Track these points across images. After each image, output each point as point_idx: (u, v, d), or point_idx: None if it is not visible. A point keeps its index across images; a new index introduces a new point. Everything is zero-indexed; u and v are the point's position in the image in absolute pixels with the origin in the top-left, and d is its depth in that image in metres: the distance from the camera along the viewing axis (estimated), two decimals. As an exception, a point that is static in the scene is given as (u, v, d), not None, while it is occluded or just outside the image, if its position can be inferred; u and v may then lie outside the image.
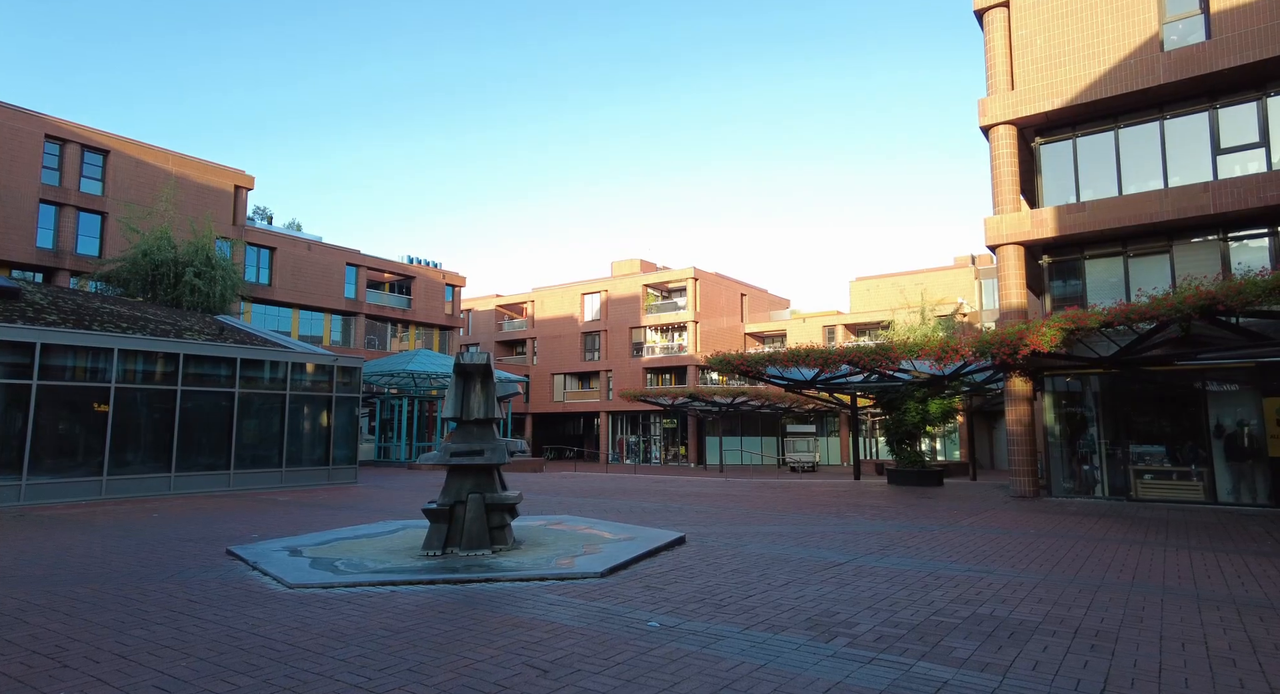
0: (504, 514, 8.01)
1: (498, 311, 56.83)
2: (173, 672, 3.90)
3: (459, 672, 3.90)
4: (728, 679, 3.81)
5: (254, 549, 7.61)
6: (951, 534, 9.54)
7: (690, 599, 5.65)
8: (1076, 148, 16.11)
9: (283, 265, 37.30)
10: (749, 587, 6.12)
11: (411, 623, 4.91)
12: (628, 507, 12.87)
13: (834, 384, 21.39)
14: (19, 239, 27.72)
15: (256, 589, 5.95)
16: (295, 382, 17.57)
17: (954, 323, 37.19)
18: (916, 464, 19.74)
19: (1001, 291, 16.66)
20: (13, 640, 4.54)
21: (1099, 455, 15.26)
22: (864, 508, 12.97)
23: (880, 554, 7.86)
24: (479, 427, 8.22)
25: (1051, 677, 3.89)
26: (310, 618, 5.03)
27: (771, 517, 11.41)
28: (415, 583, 6.16)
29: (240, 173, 35.67)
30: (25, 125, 28.32)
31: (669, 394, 38.81)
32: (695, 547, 8.25)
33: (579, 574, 6.48)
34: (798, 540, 8.81)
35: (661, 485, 18.83)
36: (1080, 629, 4.85)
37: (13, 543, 8.59)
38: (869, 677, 3.87)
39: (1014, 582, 6.44)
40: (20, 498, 12.99)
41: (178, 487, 14.97)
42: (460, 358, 8.05)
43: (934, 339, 18.17)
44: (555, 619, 5.02)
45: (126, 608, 5.32)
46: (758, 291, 52.60)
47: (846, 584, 6.27)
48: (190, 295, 24.98)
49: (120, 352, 14.55)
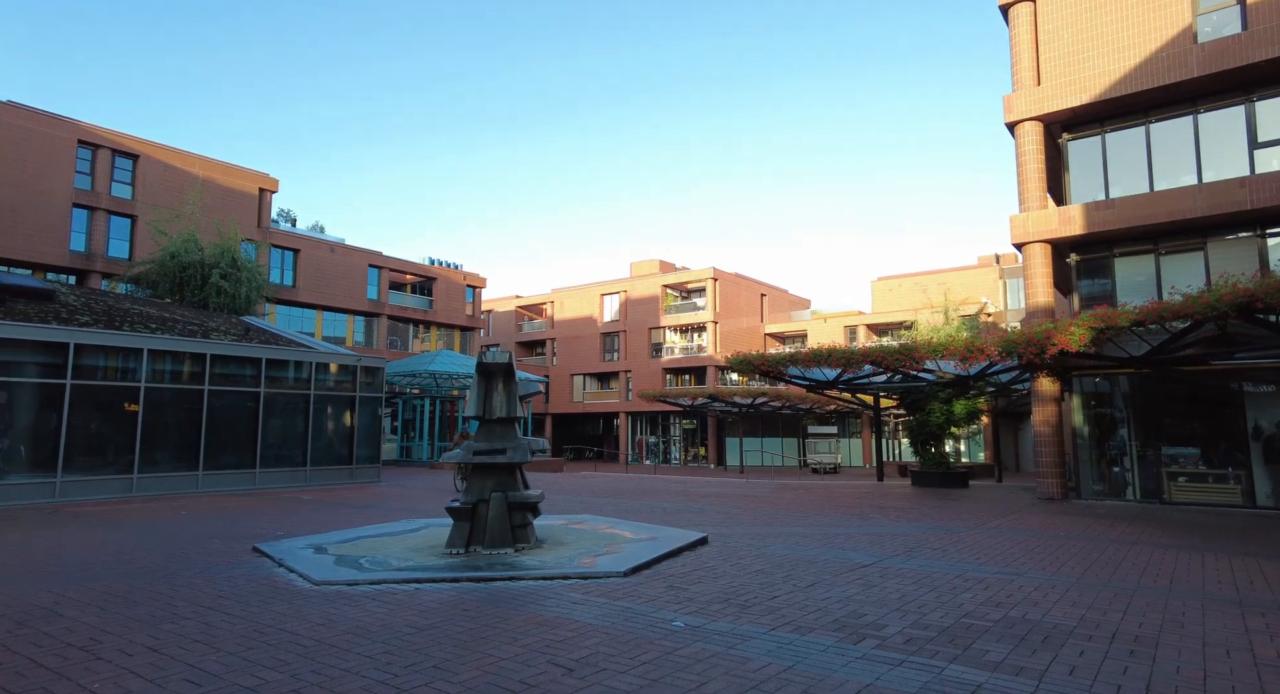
0: (526, 513, 8.01)
1: (517, 312, 57.10)
2: (202, 665, 3.92)
3: (484, 669, 3.88)
4: (755, 680, 3.75)
5: (279, 547, 7.67)
6: (978, 536, 9.38)
7: (714, 599, 5.60)
8: (1105, 144, 15.79)
9: (306, 267, 37.78)
10: (774, 588, 6.05)
11: (436, 620, 4.91)
12: (648, 507, 12.83)
13: (856, 384, 21.18)
14: (53, 242, 28.36)
15: (282, 586, 5.99)
16: (319, 382, 17.75)
17: (978, 323, 36.69)
18: (941, 466, 19.48)
19: (1028, 290, 16.38)
20: (49, 633, 4.61)
21: (1130, 457, 14.93)
22: (888, 510, 12.81)
23: (906, 556, 7.74)
24: (501, 425, 8.23)
25: (1090, 682, 3.78)
26: (336, 614, 5.05)
27: (794, 518, 11.30)
28: (439, 581, 6.17)
29: (264, 176, 36.20)
30: (59, 131, 28.97)
31: (688, 395, 38.71)
32: (718, 547, 8.19)
33: (602, 573, 6.45)
34: (822, 542, 8.71)
35: (682, 486, 18.77)
36: (1118, 634, 4.72)
37: (48, 539, 8.75)
38: (900, 679, 3.79)
39: (1045, 585, 6.30)
40: (55, 495, 13.25)
41: (205, 485, 15.19)
42: (482, 357, 8.07)
43: (958, 339, 17.92)
44: (579, 618, 4.99)
45: (157, 602, 5.39)
46: (778, 292, 52.31)
47: (873, 586, 6.18)
48: (216, 297, 25.37)
49: (150, 352, 14.80)
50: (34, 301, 15.72)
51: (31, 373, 13.57)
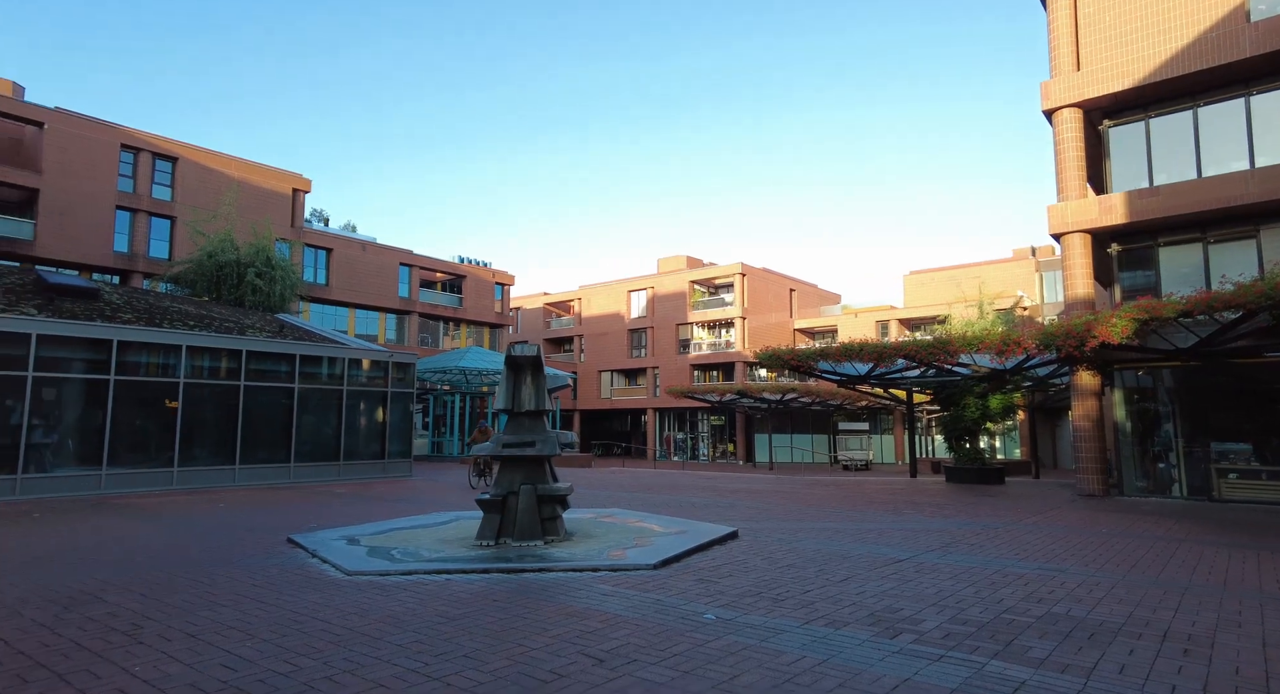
0: (555, 505, 8.00)
1: (545, 309, 57.37)
2: (238, 651, 3.97)
3: (514, 659, 3.86)
4: (789, 673, 3.67)
5: (313, 538, 7.77)
6: (1017, 532, 9.14)
7: (746, 593, 5.52)
8: (1149, 129, 15.26)
9: (339, 266, 38.38)
10: (806, 582, 5.95)
11: (467, 610, 4.91)
12: (677, 501, 12.76)
13: (889, 379, 20.85)
14: (98, 243, 29.21)
15: (316, 576, 6.06)
16: (352, 377, 18.01)
17: (1013, 317, 35.85)
18: (976, 461, 19.08)
19: (1066, 282, 15.93)
20: (93, 617, 4.71)
21: (1176, 453, 14.45)
22: (922, 505, 12.56)
23: (942, 551, 7.57)
24: (530, 418, 8.23)
25: (1142, 681, 3.63)
26: (368, 604, 5.08)
27: (826, 513, 11.14)
28: (470, 572, 6.19)
29: (298, 176, 36.84)
30: (103, 136, 29.81)
31: (716, 391, 38.50)
32: (748, 541, 8.09)
33: (631, 566, 6.40)
34: (855, 537, 8.56)
35: (710, 482, 18.66)
36: (1170, 632, 4.54)
37: (94, 529, 9.00)
38: (939, 675, 3.68)
39: (1089, 581, 6.10)
40: (100, 487, 13.64)
41: (241, 479, 15.51)
42: (511, 350, 8.08)
43: (994, 332, 17.52)
44: (609, 609, 4.95)
45: (195, 590, 5.48)
46: (807, 286, 51.77)
47: (909, 581, 6.03)
48: (252, 295, 25.90)
49: (188, 348, 15.15)
50: (80, 300, 16.19)
51: (78, 369, 13.98)
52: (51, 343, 13.51)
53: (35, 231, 27.71)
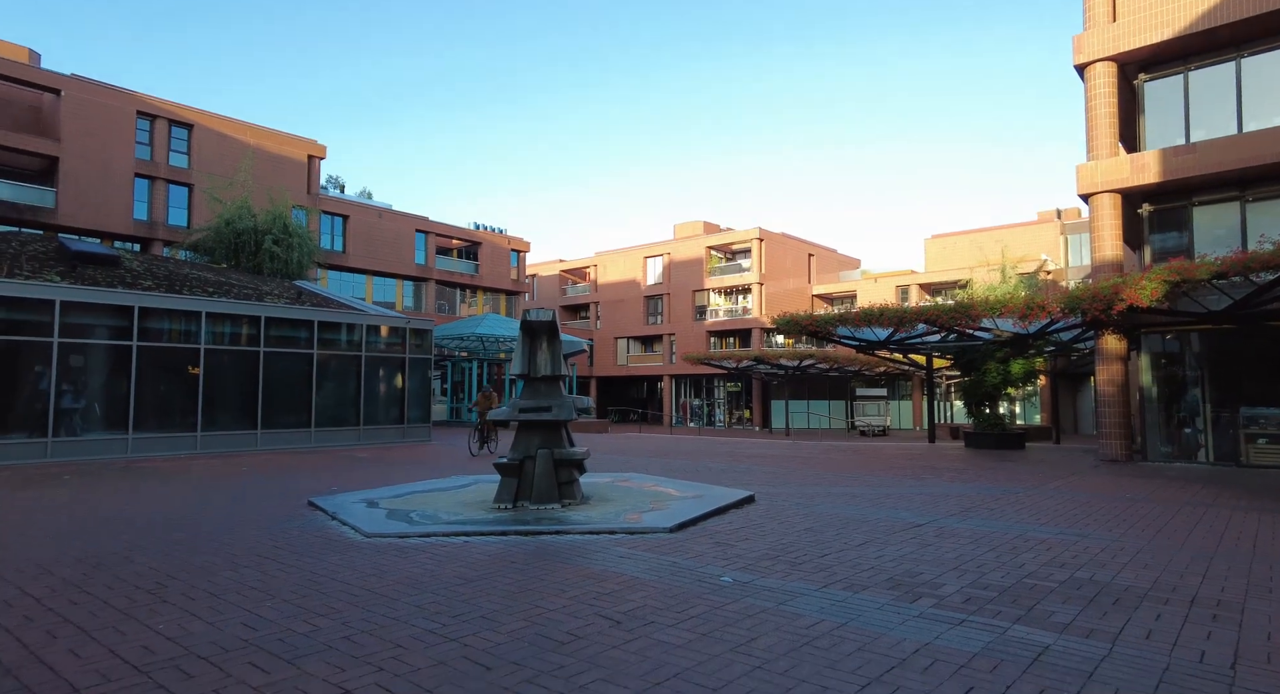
0: (572, 470, 8.02)
1: (561, 276, 57.22)
2: (258, 611, 4.01)
3: (531, 620, 3.87)
4: (807, 637, 3.64)
5: (333, 501, 7.86)
6: (1038, 497, 9.04)
7: (763, 557, 5.49)
8: (1188, 82, 14.63)
9: (355, 233, 38.40)
10: (824, 545, 5.92)
11: (484, 572, 4.94)
12: (693, 467, 12.78)
13: (909, 344, 20.60)
14: (118, 211, 29.39)
15: (335, 538, 6.13)
16: (370, 344, 18.11)
17: (1037, 281, 35.18)
18: (996, 427, 18.90)
19: (1094, 244, 15.51)
20: (120, 576, 4.80)
21: (1203, 418, 14.18)
22: (941, 471, 12.48)
23: (962, 516, 7.50)
24: (546, 383, 8.20)
25: (1170, 647, 3.56)
26: (386, 566, 5.13)
27: (843, 478, 11.10)
28: (487, 534, 6.22)
29: (313, 143, 36.66)
30: (119, 103, 29.75)
31: (733, 357, 38.38)
32: (765, 506, 8.08)
33: (648, 529, 6.41)
34: (873, 502, 8.51)
35: (727, 447, 18.68)
36: (1197, 598, 4.45)
37: (122, 491, 9.19)
38: (960, 639, 3.63)
39: (1113, 546, 6.01)
40: (127, 452, 13.93)
41: (263, 443, 15.75)
42: (526, 315, 8.01)
43: (1017, 296, 17.18)
44: (626, 572, 4.95)
45: (218, 552, 5.56)
46: (826, 251, 51.07)
47: (928, 545, 5.98)
48: (270, 262, 25.99)
49: (208, 314, 15.27)
50: (101, 268, 16.33)
51: (101, 335, 14.16)
52: (75, 309, 13.67)
53: (57, 200, 27.92)
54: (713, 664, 3.25)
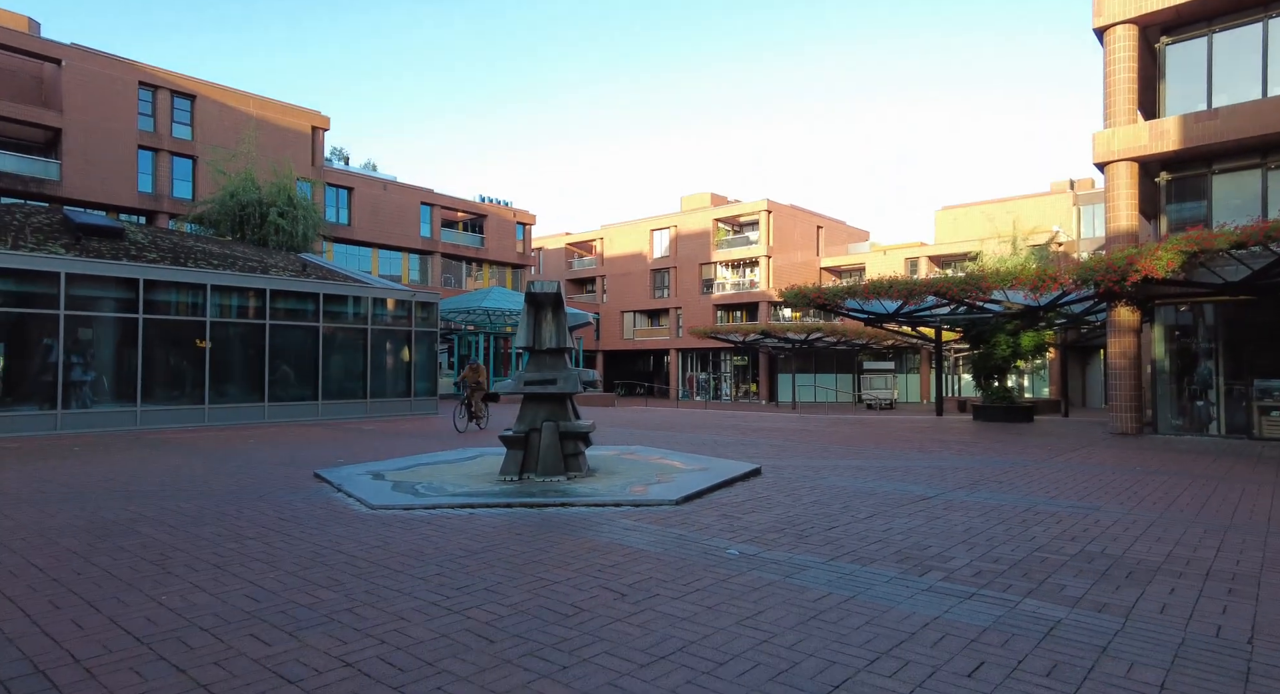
0: (578, 442, 7.97)
1: (568, 250, 56.89)
2: (262, 582, 3.99)
3: (535, 592, 3.83)
4: (815, 610, 3.60)
5: (339, 473, 7.86)
6: (1048, 470, 8.96)
7: (770, 529, 5.45)
8: (1212, 45, 14.19)
9: (361, 205, 38.16)
10: (831, 518, 5.87)
11: (489, 544, 4.91)
12: (700, 440, 12.76)
13: (918, 317, 20.42)
14: (123, 184, 29.24)
15: (341, 510, 6.12)
16: (376, 317, 18.07)
17: (1048, 253, 34.71)
18: (1005, 400, 18.78)
19: (1108, 214, 15.21)
20: (125, 547, 4.79)
21: (1215, 390, 14.02)
22: (949, 443, 12.41)
23: (970, 489, 7.43)
24: (551, 356, 8.13)
25: (1185, 621, 3.49)
26: (391, 538, 5.11)
27: (850, 452, 11.05)
28: (493, 506, 6.20)
29: (316, 114, 36.26)
30: (120, 73, 29.42)
31: (740, 331, 38.22)
32: (771, 478, 8.03)
33: (654, 501, 6.37)
34: (880, 474, 8.46)
35: (733, 420, 18.66)
36: (1212, 572, 4.38)
37: (130, 462, 9.22)
38: (970, 613, 3.58)
39: (1125, 520, 5.93)
40: (136, 423, 14.00)
41: (271, 415, 15.81)
42: (531, 287, 7.90)
43: (1028, 268, 16.94)
44: (631, 544, 4.92)
45: (222, 523, 5.56)
46: (835, 223, 50.51)
47: (937, 518, 5.92)
48: (275, 235, 25.88)
49: (213, 287, 15.22)
50: (106, 240, 16.26)
51: (108, 308, 14.15)
52: (81, 282, 13.64)
53: (61, 172, 27.78)
54: (719, 637, 3.21)
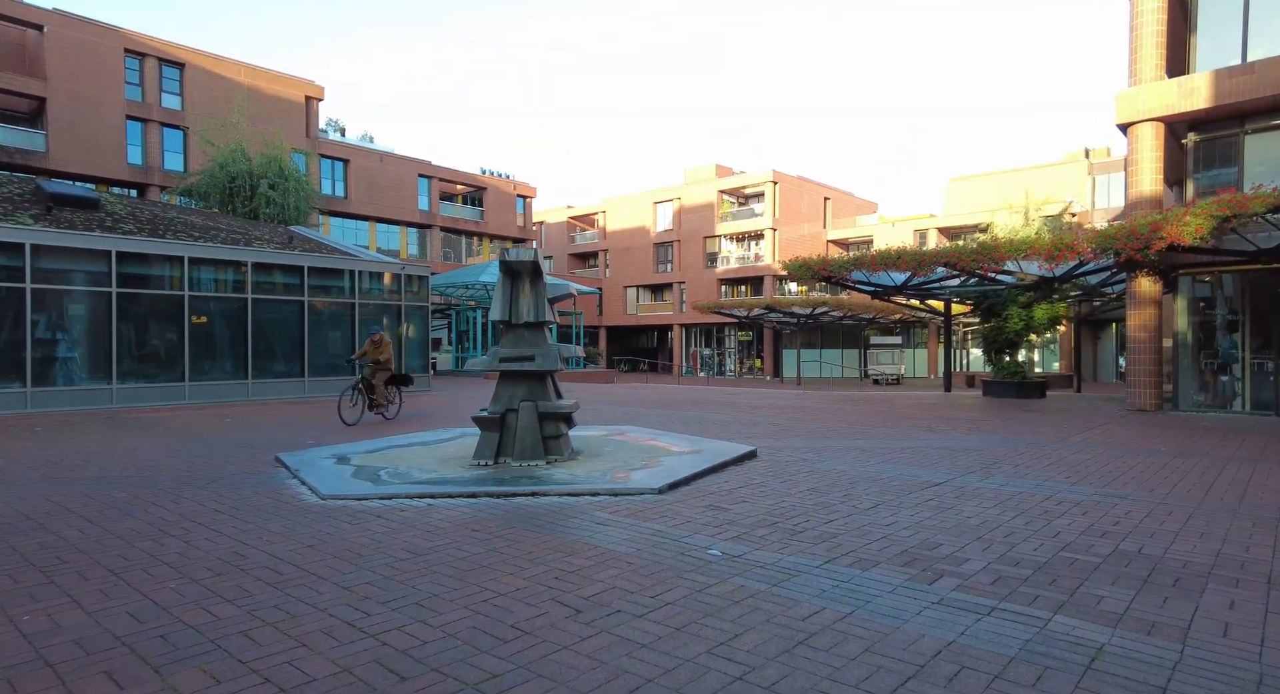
0: (559, 423, 7.38)
1: (569, 223, 55.92)
2: (157, 595, 3.42)
3: (474, 609, 3.25)
4: (803, 633, 3.00)
5: (301, 457, 7.30)
6: (1065, 452, 8.33)
7: (760, 522, 4.85)
8: (1250, -7, 13.21)
9: (357, 177, 37.30)
10: (829, 509, 5.27)
11: (440, 543, 4.33)
12: (697, 418, 12.16)
13: (927, 289, 19.67)
14: (111, 156, 28.47)
15: (288, 500, 5.55)
16: (364, 290, 17.44)
17: (1061, 224, 33.69)
18: (1017, 375, 18.08)
19: (1130, 179, 14.36)
20: (17, 548, 4.22)
21: (1241, 365, 13.30)
22: (958, 422, 11.78)
23: (984, 474, 6.82)
24: (529, 330, 7.49)
25: (1257, 646, 2.87)
26: (331, 535, 4.53)
27: (855, 431, 10.43)
28: (456, 496, 5.62)
29: (310, 83, 35.25)
30: (105, 40, 28.47)
31: (744, 306, 37.44)
32: (768, 462, 7.43)
33: (635, 490, 5.78)
34: (885, 457, 7.85)
35: (735, 398, 18.05)
36: (1274, 577, 3.76)
37: (88, 444, 8.69)
38: (991, 635, 2.97)
39: (1159, 510, 5.31)
40: (112, 401, 13.49)
41: (255, 393, 15.29)
42: (505, 255, 7.23)
43: (1043, 238, 16.13)
44: (601, 542, 4.33)
45: (150, 516, 4.99)
46: (843, 195, 49.35)
47: (947, 509, 5.32)
48: (266, 207, 25.19)
49: (190, 259, 14.60)
50: (80, 210, 15.63)
51: (79, 281, 13.56)
52: (49, 254, 13.04)
53: (47, 143, 27.03)
54: (682, 672, 2.62)
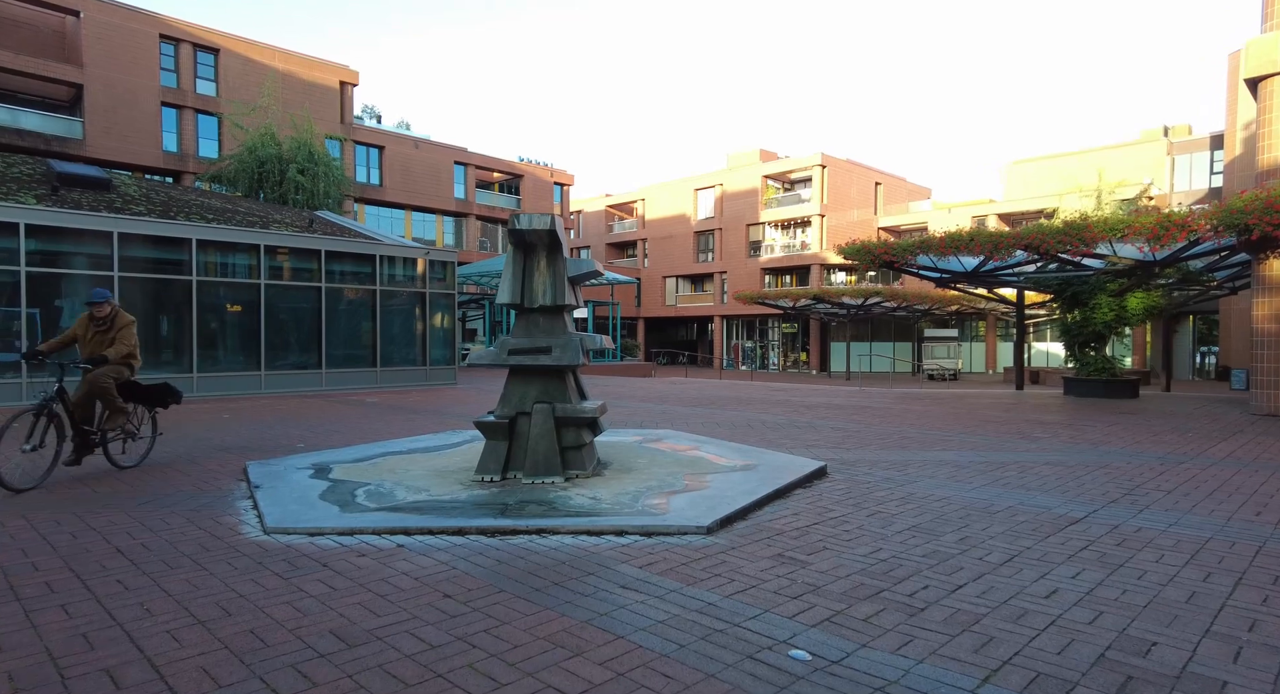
0: (581, 430, 5.97)
1: (607, 212, 54.56)
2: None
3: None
4: None
5: (269, 468, 6.05)
6: (1221, 471, 6.59)
7: (856, 589, 3.37)
8: None
9: (392, 165, 36.55)
10: (950, 564, 3.75)
11: (385, 622, 2.96)
12: (744, 420, 10.65)
13: (1000, 276, 17.72)
14: (147, 143, 28.12)
15: (223, 534, 4.26)
16: (386, 277, 16.34)
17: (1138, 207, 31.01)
18: (1106, 371, 16.05)
19: (1263, 143, 12.32)
20: None
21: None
22: (1053, 427, 10.02)
23: (1130, 504, 5.19)
24: (545, 317, 6.10)
25: None
26: (236, 605, 3.19)
27: (934, 438, 8.80)
28: (438, 531, 4.26)
29: (345, 68, 34.53)
30: (140, 25, 28.08)
31: (790, 296, 35.60)
32: (843, 482, 5.91)
33: (675, 528, 4.33)
34: (988, 475, 6.24)
35: (784, 395, 16.44)
36: None
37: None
38: None
39: None
40: (114, 394, 12.59)
41: (269, 385, 14.29)
42: (515, 222, 5.82)
43: (1144, 216, 14.12)
44: (625, 630, 2.90)
45: (19, 558, 3.75)
46: (895, 180, 46.89)
47: (1118, 566, 3.75)
48: (295, 193, 24.42)
49: (199, 242, 13.63)
50: (90, 191, 14.84)
51: (80, 265, 12.70)
52: (46, 234, 12.18)
53: (84, 130, 26.75)
54: None
